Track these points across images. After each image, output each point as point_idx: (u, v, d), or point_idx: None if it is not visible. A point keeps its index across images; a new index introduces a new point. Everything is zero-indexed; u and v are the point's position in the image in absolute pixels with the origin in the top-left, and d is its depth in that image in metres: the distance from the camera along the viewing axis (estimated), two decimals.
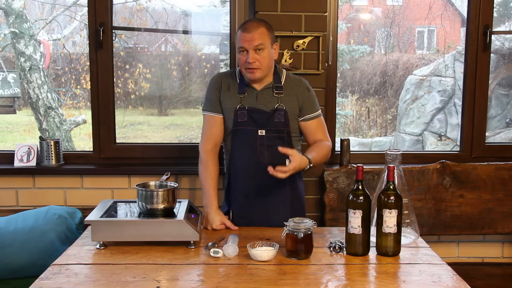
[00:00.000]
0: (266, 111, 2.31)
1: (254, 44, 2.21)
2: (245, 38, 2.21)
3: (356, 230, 1.90)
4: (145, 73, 5.57)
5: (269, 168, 2.06)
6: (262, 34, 2.23)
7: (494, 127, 5.99)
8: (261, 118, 2.30)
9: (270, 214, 2.33)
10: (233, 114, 2.32)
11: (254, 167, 2.30)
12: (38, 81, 4.92)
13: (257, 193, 2.33)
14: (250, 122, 2.30)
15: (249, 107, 2.31)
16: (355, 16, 6.20)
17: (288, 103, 2.32)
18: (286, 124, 2.31)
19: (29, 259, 2.55)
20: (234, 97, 2.34)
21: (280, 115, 2.30)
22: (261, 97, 2.32)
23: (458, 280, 1.75)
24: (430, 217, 2.97)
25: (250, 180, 2.33)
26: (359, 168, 1.92)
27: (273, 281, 1.71)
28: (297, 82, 2.39)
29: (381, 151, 3.15)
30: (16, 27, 4.86)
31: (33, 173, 2.97)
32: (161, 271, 1.77)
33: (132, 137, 5.86)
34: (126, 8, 5.10)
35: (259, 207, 2.33)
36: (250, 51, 2.21)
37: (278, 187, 2.31)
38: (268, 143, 2.30)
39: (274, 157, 2.23)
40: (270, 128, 2.30)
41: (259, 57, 2.23)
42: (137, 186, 2.07)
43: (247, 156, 2.31)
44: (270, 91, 2.33)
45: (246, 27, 2.23)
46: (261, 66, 2.24)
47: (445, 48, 6.28)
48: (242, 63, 2.26)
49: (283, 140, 2.31)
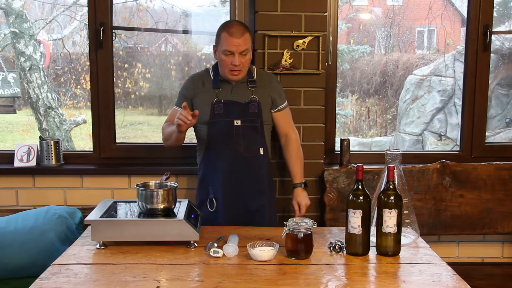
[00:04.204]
0: (241, 102, 2.48)
1: (242, 49, 2.37)
2: (234, 43, 2.35)
3: (356, 230, 1.90)
4: (145, 73, 5.57)
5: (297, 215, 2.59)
6: (248, 40, 2.40)
7: (494, 127, 5.98)
8: (236, 109, 2.47)
9: (246, 197, 2.47)
10: (209, 107, 2.46)
11: (230, 155, 2.45)
12: (38, 81, 4.92)
13: (234, 178, 2.46)
14: (226, 114, 2.46)
15: (225, 100, 2.47)
16: (355, 16, 6.19)
17: (261, 95, 2.51)
18: (259, 114, 2.48)
19: (29, 259, 2.55)
20: (209, 92, 2.49)
21: (254, 106, 2.48)
22: (236, 91, 2.49)
23: (458, 280, 1.75)
24: (430, 217, 2.97)
25: (227, 167, 2.45)
26: (359, 168, 1.92)
27: (273, 281, 1.71)
28: (268, 76, 2.61)
29: (381, 151, 3.15)
30: (16, 27, 4.86)
31: (33, 173, 2.97)
32: (161, 271, 1.77)
33: (132, 137, 5.85)
34: (126, 8, 5.09)
35: (237, 191, 2.46)
36: (236, 54, 2.36)
37: (253, 172, 2.48)
38: (243, 132, 2.45)
39: (248, 145, 2.46)
40: (245, 118, 2.46)
41: (243, 60, 2.40)
42: (137, 186, 2.07)
43: (224, 145, 2.45)
44: (245, 85, 2.50)
45: (233, 32, 2.36)
46: (243, 68, 2.43)
47: (445, 47, 6.27)
48: (227, 65, 2.40)
49: (256, 129, 2.48)
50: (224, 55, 2.39)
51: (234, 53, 2.36)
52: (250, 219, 2.44)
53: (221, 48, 2.40)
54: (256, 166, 2.48)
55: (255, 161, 2.48)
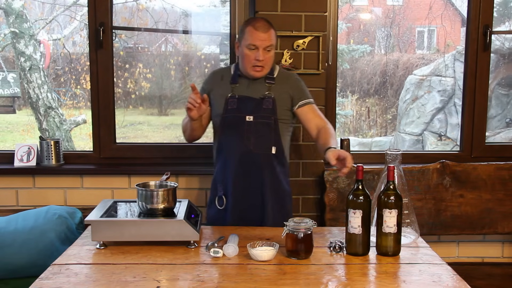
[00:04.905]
0: (255, 98, 2.40)
1: (267, 44, 2.31)
2: (259, 37, 2.30)
3: (356, 230, 1.90)
4: (145, 73, 5.57)
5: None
6: (273, 36, 2.35)
7: (494, 127, 5.98)
8: (249, 104, 2.39)
9: (255, 197, 2.38)
10: (224, 101, 2.40)
11: (240, 152, 2.37)
12: (38, 81, 4.92)
13: (243, 176, 2.38)
14: (239, 109, 2.39)
15: (239, 95, 2.40)
16: (355, 16, 6.20)
17: (277, 92, 2.41)
18: (273, 111, 2.38)
19: (29, 259, 2.55)
20: (226, 86, 2.44)
21: (268, 102, 2.38)
22: (253, 86, 2.42)
23: (458, 280, 1.75)
24: (430, 217, 2.97)
25: (236, 164, 2.38)
26: (359, 168, 1.92)
27: (273, 281, 1.71)
28: (288, 74, 2.52)
29: (381, 151, 3.15)
30: (16, 27, 4.86)
31: (33, 173, 2.97)
32: (161, 271, 1.77)
33: (132, 137, 5.86)
34: (126, 8, 5.09)
35: (245, 190, 2.39)
36: (260, 49, 2.30)
37: (262, 171, 2.38)
38: (255, 129, 2.37)
39: (259, 142, 2.36)
40: (257, 114, 2.37)
41: (267, 56, 2.33)
42: (137, 186, 2.07)
43: (234, 141, 2.38)
44: (262, 81, 2.42)
45: (259, 26, 2.31)
46: (266, 65, 2.36)
47: (445, 47, 6.28)
48: (250, 60, 2.33)
49: (270, 126, 2.38)
50: (248, 50, 2.32)
51: (258, 48, 2.30)
52: (258, 219, 2.36)
53: (245, 42, 2.33)
54: (266, 165, 2.37)
55: (265, 159, 2.37)
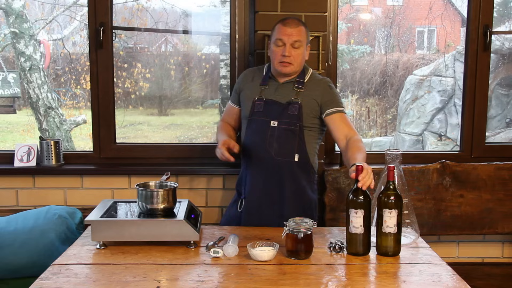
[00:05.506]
0: (282, 102, 2.35)
1: (293, 39, 2.29)
2: (286, 32, 2.29)
3: (358, 230, 1.90)
4: (145, 73, 5.57)
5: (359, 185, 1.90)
6: (301, 32, 2.32)
7: (494, 127, 5.98)
8: (275, 109, 2.35)
9: (272, 204, 2.35)
10: (251, 103, 2.38)
11: (261, 158, 2.35)
12: (38, 81, 4.92)
13: (262, 182, 2.36)
14: (265, 113, 2.36)
15: (266, 99, 2.37)
16: (355, 16, 6.19)
17: (306, 98, 2.35)
18: (299, 117, 2.33)
19: (29, 259, 2.55)
20: (255, 87, 2.42)
21: (294, 108, 2.33)
22: (281, 90, 2.38)
23: (458, 280, 1.75)
24: (430, 217, 2.97)
25: (256, 169, 2.37)
26: (359, 168, 1.92)
27: (273, 281, 1.71)
28: (319, 80, 2.43)
29: (381, 151, 3.15)
30: (16, 27, 4.86)
31: (33, 173, 2.97)
32: (161, 271, 1.77)
33: (132, 137, 5.85)
34: (126, 8, 5.09)
35: (263, 197, 2.36)
36: (287, 45, 2.29)
37: (282, 178, 2.34)
38: (278, 134, 2.32)
39: (282, 149, 2.31)
40: (282, 120, 2.33)
41: (294, 53, 2.30)
42: (137, 186, 2.07)
43: (257, 146, 2.35)
44: (291, 85, 2.38)
45: (287, 22, 2.32)
46: (294, 62, 2.32)
47: (445, 47, 6.27)
48: (277, 56, 2.32)
49: (294, 133, 2.32)
50: (275, 46, 2.31)
51: (285, 44, 2.29)
52: (275, 224, 2.25)
53: (273, 38, 2.34)
54: (286, 172, 2.32)
55: (286, 167, 2.32)
